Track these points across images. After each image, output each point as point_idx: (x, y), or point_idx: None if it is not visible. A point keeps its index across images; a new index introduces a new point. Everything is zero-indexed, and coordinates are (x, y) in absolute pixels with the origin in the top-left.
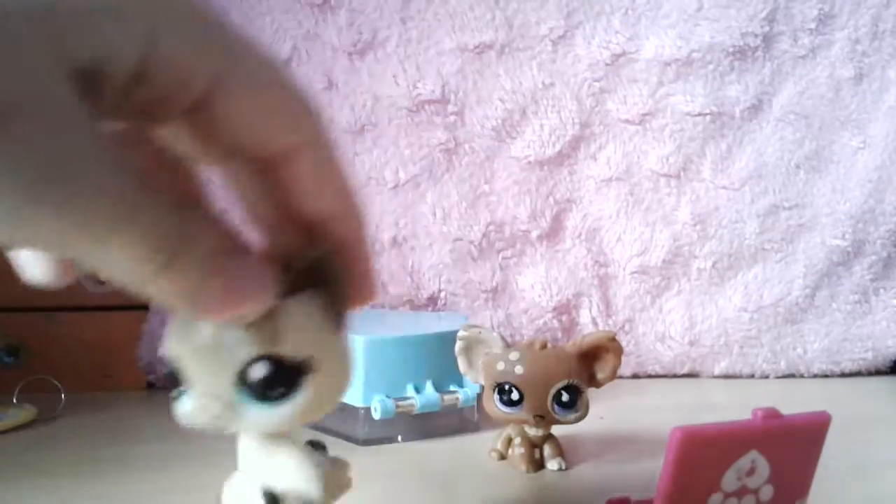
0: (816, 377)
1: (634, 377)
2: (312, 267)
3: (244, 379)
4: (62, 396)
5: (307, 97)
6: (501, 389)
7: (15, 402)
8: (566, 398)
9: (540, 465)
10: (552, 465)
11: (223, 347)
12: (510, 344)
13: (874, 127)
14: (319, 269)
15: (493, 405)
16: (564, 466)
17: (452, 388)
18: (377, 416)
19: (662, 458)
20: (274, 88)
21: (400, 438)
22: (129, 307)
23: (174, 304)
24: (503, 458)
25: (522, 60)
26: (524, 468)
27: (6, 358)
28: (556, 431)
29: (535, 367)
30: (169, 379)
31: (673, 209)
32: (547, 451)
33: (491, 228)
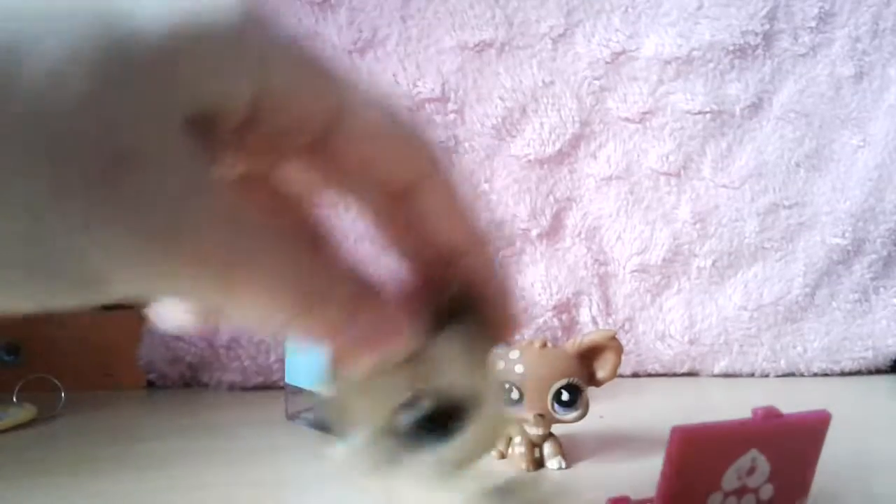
0: (816, 376)
1: (634, 376)
2: (454, 301)
3: (402, 420)
4: (62, 395)
5: (423, 132)
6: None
7: (15, 401)
8: (566, 397)
9: (540, 463)
10: (552, 463)
11: (377, 390)
12: (510, 343)
13: (874, 125)
14: (461, 302)
15: None
16: (564, 465)
17: None
18: None
19: (662, 456)
20: (389, 125)
21: None
22: (129, 306)
23: (314, 344)
24: (503, 457)
25: (522, 59)
26: (524, 467)
27: (6, 357)
28: (556, 430)
29: (535, 366)
30: (318, 426)
31: (673, 208)
32: (547, 450)
33: (491, 227)
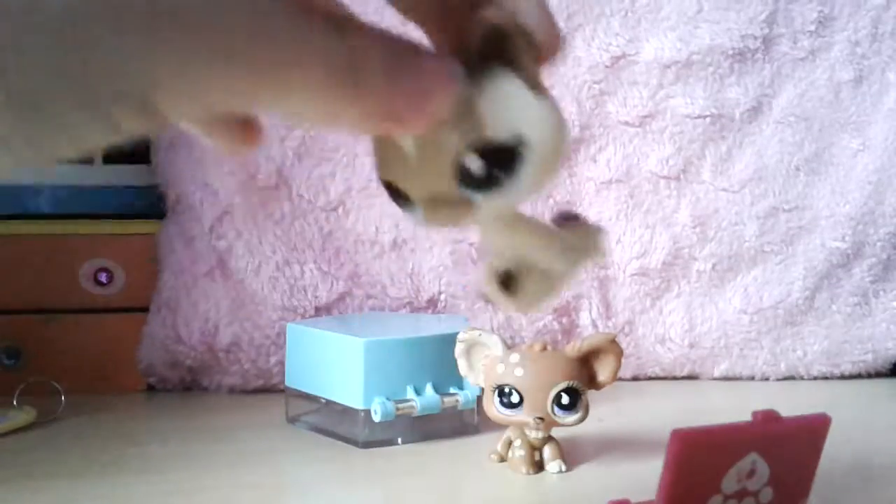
0: (816, 379)
1: (634, 379)
2: (489, 40)
3: (461, 173)
4: (62, 399)
5: None
6: (501, 392)
7: (15, 404)
8: (566, 400)
9: (540, 467)
10: (552, 467)
11: (433, 148)
12: (510, 346)
13: (874, 129)
14: (497, 39)
15: (493, 407)
16: (564, 468)
17: (452, 390)
18: (377, 418)
19: (662, 460)
20: None
21: (400, 441)
22: (128, 309)
23: (364, 122)
24: (503, 460)
25: None
26: (524, 470)
27: (6, 360)
28: (556, 433)
29: (535, 369)
30: (389, 191)
31: (673, 211)
32: (547, 453)
33: None
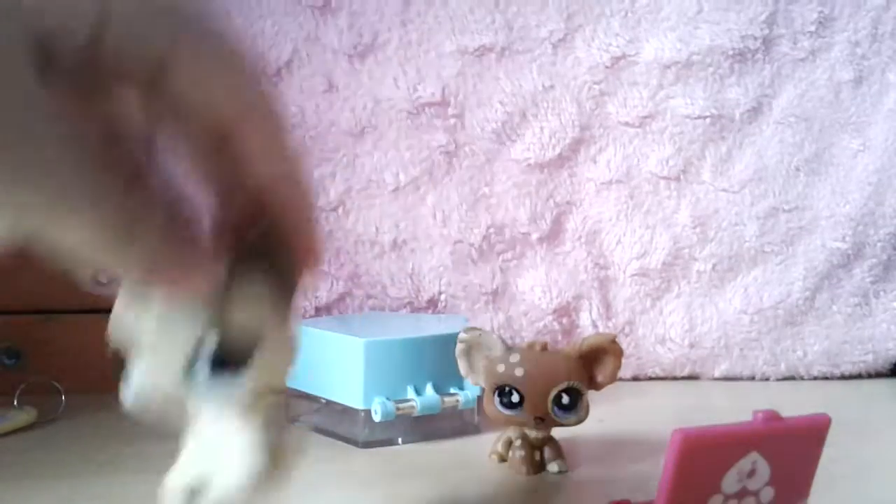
0: (816, 379)
1: (635, 379)
2: (262, 238)
3: (195, 355)
4: (63, 399)
5: (254, 68)
6: (502, 392)
7: (15, 404)
8: (566, 400)
9: (540, 467)
10: (552, 467)
11: (176, 321)
12: (510, 346)
13: (874, 129)
14: (268, 239)
15: (493, 407)
16: (565, 469)
17: (453, 390)
18: (377, 418)
19: (663, 460)
20: (224, 59)
21: (400, 441)
22: None
23: (128, 275)
24: (503, 460)
25: (522, 63)
26: (524, 470)
27: (7, 360)
28: (556, 434)
29: (535, 369)
30: (113, 358)
31: (673, 212)
32: (547, 453)
33: (491, 231)
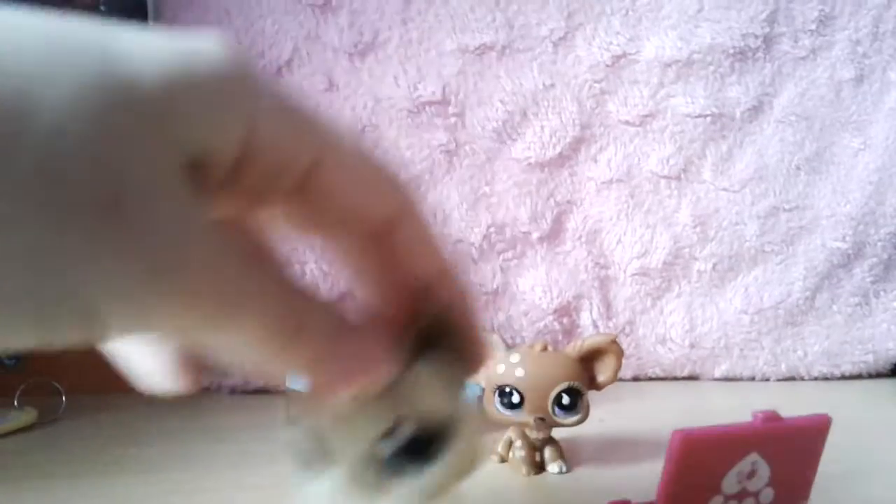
0: (817, 380)
1: (635, 380)
2: (430, 331)
3: (383, 449)
4: (63, 399)
5: (394, 168)
6: (502, 392)
7: (16, 405)
8: (567, 401)
9: (540, 467)
10: (553, 467)
11: (357, 420)
12: (511, 346)
13: (875, 128)
14: (436, 331)
15: (493, 408)
16: (565, 469)
17: None
18: None
19: (663, 460)
20: (366, 163)
21: None
22: None
23: (303, 378)
24: (504, 460)
25: (523, 62)
26: (525, 471)
27: (7, 361)
28: (556, 434)
29: (535, 369)
30: (300, 460)
31: (673, 211)
32: (547, 453)
33: (491, 230)
